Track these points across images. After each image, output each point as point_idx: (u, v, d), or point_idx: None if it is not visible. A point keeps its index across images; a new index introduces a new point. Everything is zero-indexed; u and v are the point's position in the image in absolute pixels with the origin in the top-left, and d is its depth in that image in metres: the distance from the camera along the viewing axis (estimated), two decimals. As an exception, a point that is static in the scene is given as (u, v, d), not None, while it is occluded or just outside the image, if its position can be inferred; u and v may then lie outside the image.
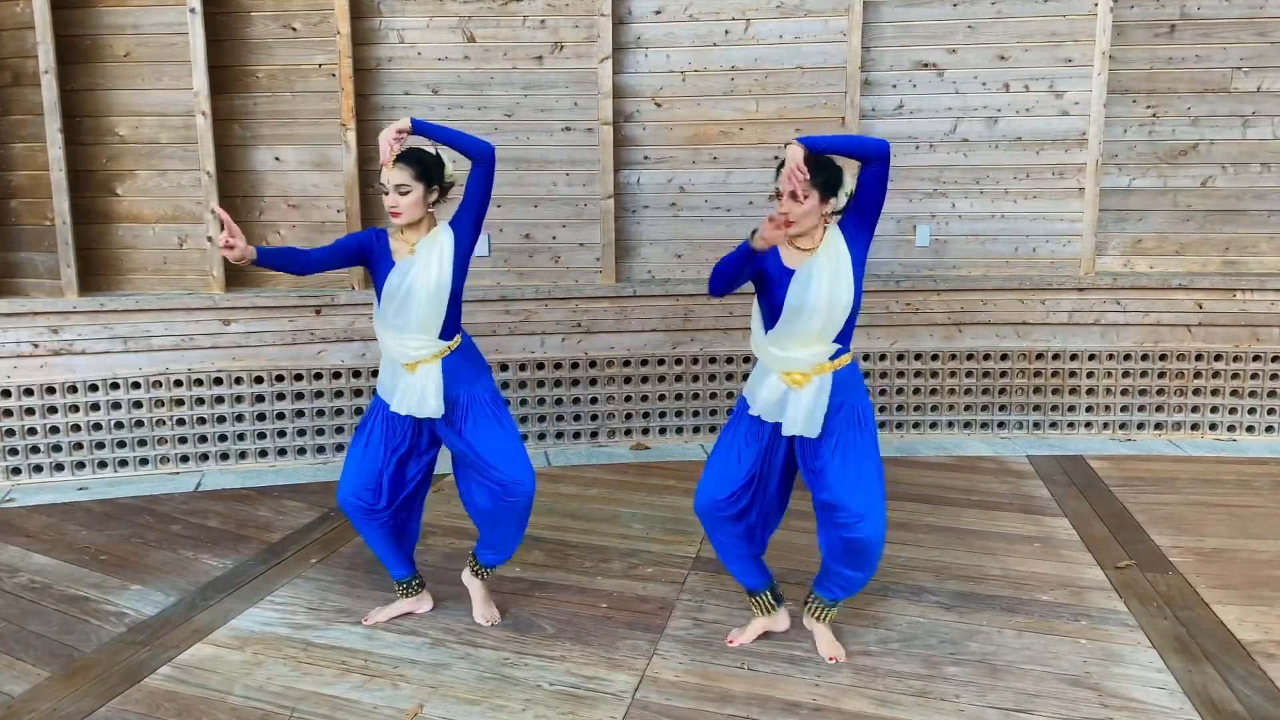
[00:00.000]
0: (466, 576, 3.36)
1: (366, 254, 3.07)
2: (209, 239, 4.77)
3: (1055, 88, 5.05)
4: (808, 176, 2.71)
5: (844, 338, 2.89)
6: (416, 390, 3.06)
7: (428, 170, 3.01)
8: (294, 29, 4.84)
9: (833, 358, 2.86)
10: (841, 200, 2.84)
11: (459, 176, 3.11)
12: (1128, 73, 5.03)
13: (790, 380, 2.86)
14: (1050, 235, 5.20)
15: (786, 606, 3.20)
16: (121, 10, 4.70)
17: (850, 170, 2.84)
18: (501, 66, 4.99)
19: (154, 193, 4.86)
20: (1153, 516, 4.11)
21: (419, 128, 2.98)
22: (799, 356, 2.84)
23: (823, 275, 2.78)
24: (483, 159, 3.03)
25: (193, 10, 4.58)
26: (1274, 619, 3.24)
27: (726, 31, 5.02)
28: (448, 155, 3.10)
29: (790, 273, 2.81)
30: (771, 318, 2.88)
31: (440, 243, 3.05)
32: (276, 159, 4.95)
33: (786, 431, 2.89)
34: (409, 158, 2.99)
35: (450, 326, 3.11)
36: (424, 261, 3.02)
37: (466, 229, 3.09)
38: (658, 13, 5.01)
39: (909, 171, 5.16)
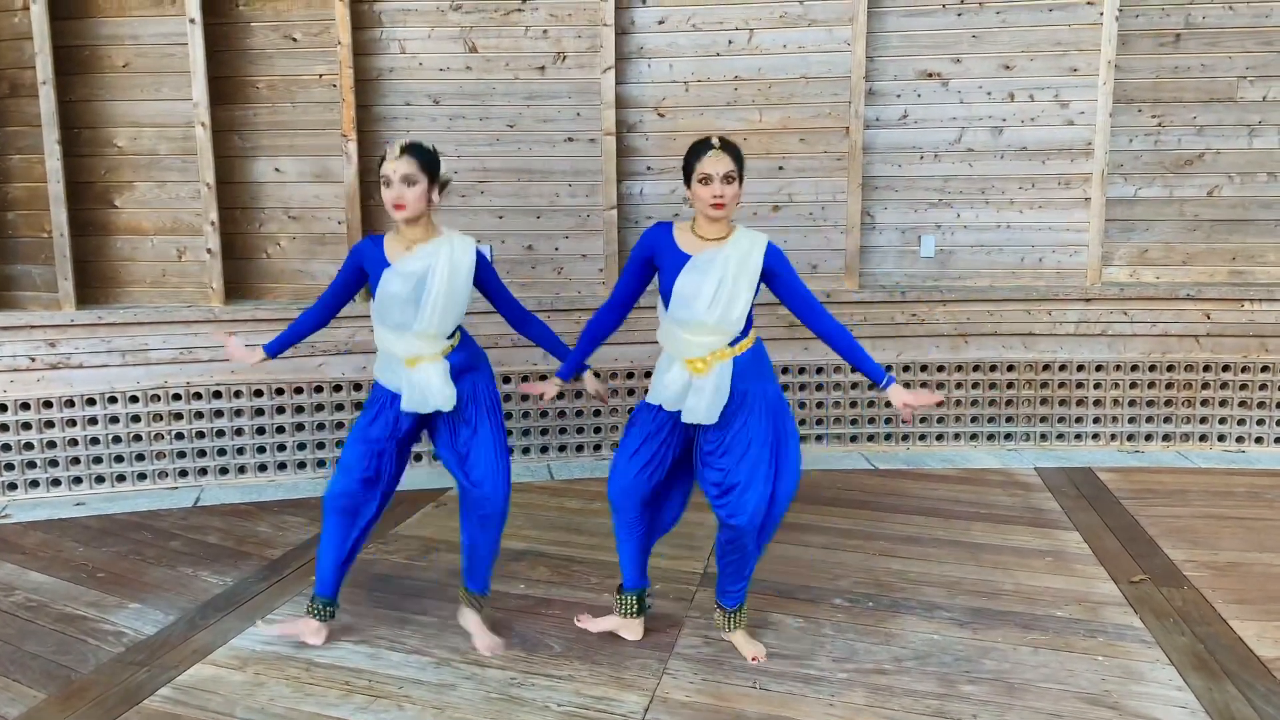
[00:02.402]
0: (462, 614, 3.27)
1: (363, 266, 3.04)
2: (207, 250, 4.72)
3: (1060, 97, 5.02)
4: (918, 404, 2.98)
5: (744, 329, 2.93)
6: (420, 387, 3.01)
7: (431, 163, 2.94)
8: (294, 39, 4.80)
9: (733, 343, 2.89)
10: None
11: (450, 176, 3.10)
12: (1133, 82, 5.00)
13: (693, 368, 2.88)
14: (1056, 245, 5.16)
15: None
16: (120, 21, 4.66)
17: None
18: (503, 77, 4.95)
19: (153, 204, 4.81)
20: (1164, 529, 4.06)
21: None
22: (702, 341, 2.88)
23: (722, 266, 2.82)
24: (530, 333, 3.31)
25: (192, 21, 4.54)
26: (1293, 635, 3.19)
27: (730, 41, 4.99)
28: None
29: (685, 258, 2.85)
30: (665, 304, 2.93)
31: (459, 254, 2.99)
32: (277, 170, 4.90)
33: (686, 419, 2.91)
34: (414, 149, 2.92)
35: (453, 325, 3.09)
36: (440, 265, 2.95)
37: (490, 285, 3.16)
38: (661, 23, 4.97)
39: (913, 182, 5.13)
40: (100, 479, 4.69)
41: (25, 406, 4.58)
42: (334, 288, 3.12)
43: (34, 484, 4.63)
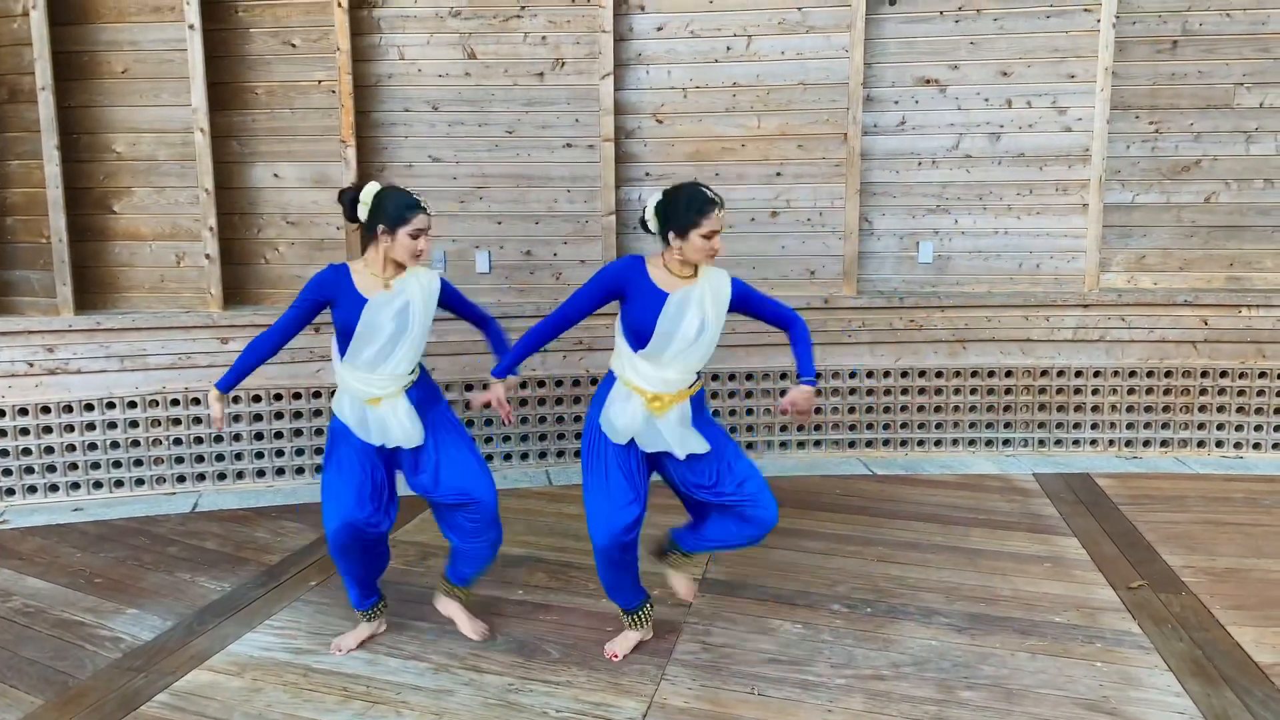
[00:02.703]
0: (442, 603, 3.31)
1: (332, 295, 3.03)
2: (206, 256, 4.73)
3: (1058, 103, 5.03)
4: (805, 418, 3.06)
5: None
6: (391, 422, 3.05)
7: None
8: (294, 45, 4.81)
9: (690, 385, 3.01)
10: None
11: None
12: (1130, 88, 5.02)
13: (652, 407, 2.95)
14: (1054, 251, 5.17)
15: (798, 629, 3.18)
16: (120, 27, 4.67)
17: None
18: (502, 83, 4.96)
19: (151, 210, 4.81)
20: (1162, 535, 4.07)
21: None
22: (671, 379, 2.95)
23: (699, 305, 2.94)
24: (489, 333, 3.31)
25: (192, 27, 4.55)
26: (1291, 640, 3.19)
27: (728, 48, 5.00)
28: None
29: (663, 295, 2.92)
30: (639, 340, 2.96)
31: (427, 287, 3.08)
32: (275, 176, 4.91)
33: (681, 454, 2.99)
34: (425, 207, 3.04)
35: (416, 362, 3.14)
36: (415, 300, 3.03)
37: (454, 302, 3.19)
38: (659, 29, 4.99)
39: (911, 188, 5.14)
40: (98, 484, 4.69)
41: (23, 412, 4.58)
42: (294, 317, 3.05)
43: (32, 489, 4.62)
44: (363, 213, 3.00)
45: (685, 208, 2.91)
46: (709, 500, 3.07)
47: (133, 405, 4.68)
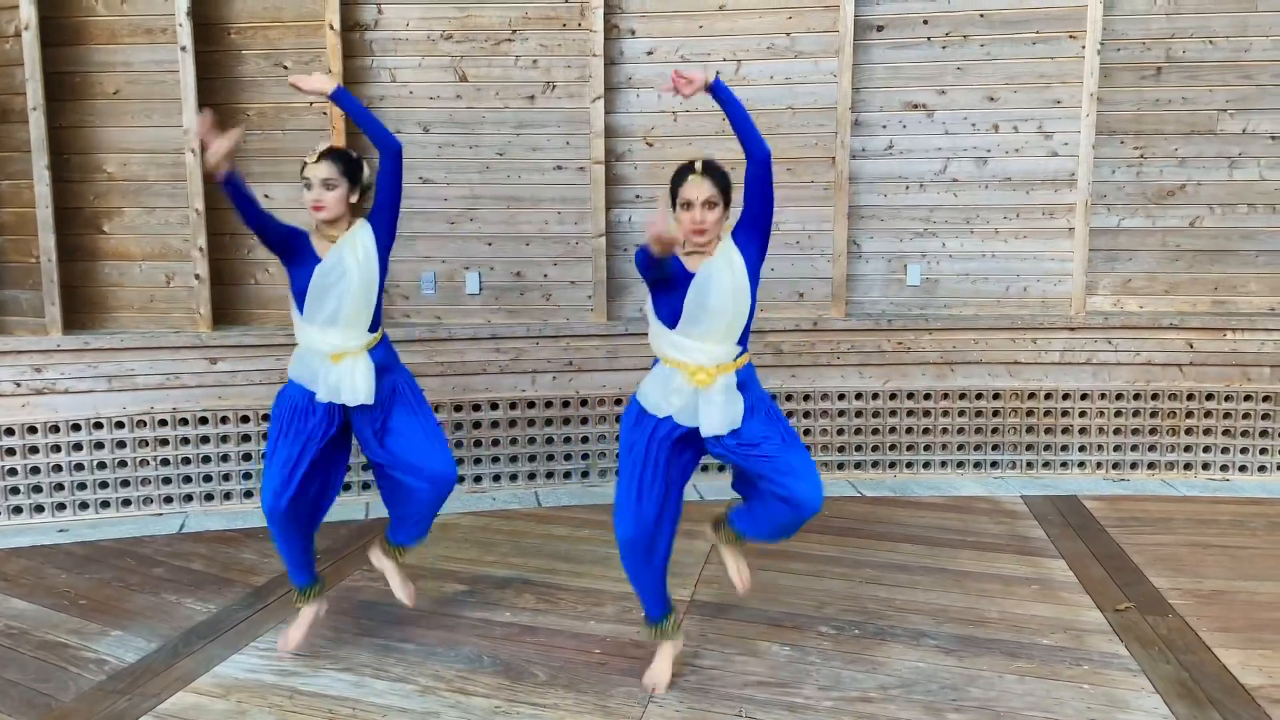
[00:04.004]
0: (378, 557, 3.39)
1: (290, 247, 3.09)
2: (196, 276, 4.73)
3: (1044, 128, 5.08)
4: (690, 88, 2.83)
5: (744, 339, 2.94)
6: (346, 378, 3.09)
7: (352, 168, 3.09)
8: (285, 67, 4.83)
9: (735, 358, 2.91)
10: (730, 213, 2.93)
11: (370, 182, 3.18)
12: (1115, 114, 5.07)
13: (696, 380, 2.86)
14: (1041, 275, 5.21)
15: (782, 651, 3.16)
16: (112, 48, 4.69)
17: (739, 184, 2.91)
18: (493, 105, 4.99)
19: (141, 230, 4.82)
20: (1150, 558, 4.08)
21: (340, 96, 3.10)
22: (710, 350, 2.87)
23: (719, 275, 2.84)
24: (390, 153, 3.10)
25: (184, 48, 4.57)
26: (1278, 663, 3.20)
27: (717, 72, 5.03)
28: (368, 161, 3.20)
29: (690, 276, 2.85)
30: (673, 318, 2.89)
31: (360, 238, 3.10)
32: (266, 196, 4.91)
33: (707, 433, 2.89)
34: (336, 155, 3.08)
35: (375, 320, 3.17)
36: (350, 256, 3.07)
37: (383, 225, 3.15)
38: (649, 53, 5.03)
39: (899, 211, 5.18)
40: (84, 505, 4.66)
41: (10, 432, 4.56)
42: (276, 222, 3.08)
43: (17, 510, 4.59)
44: None
45: (672, 179, 2.88)
46: (753, 466, 2.93)
47: (120, 426, 4.67)
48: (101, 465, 4.67)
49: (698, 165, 2.83)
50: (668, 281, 2.87)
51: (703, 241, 2.85)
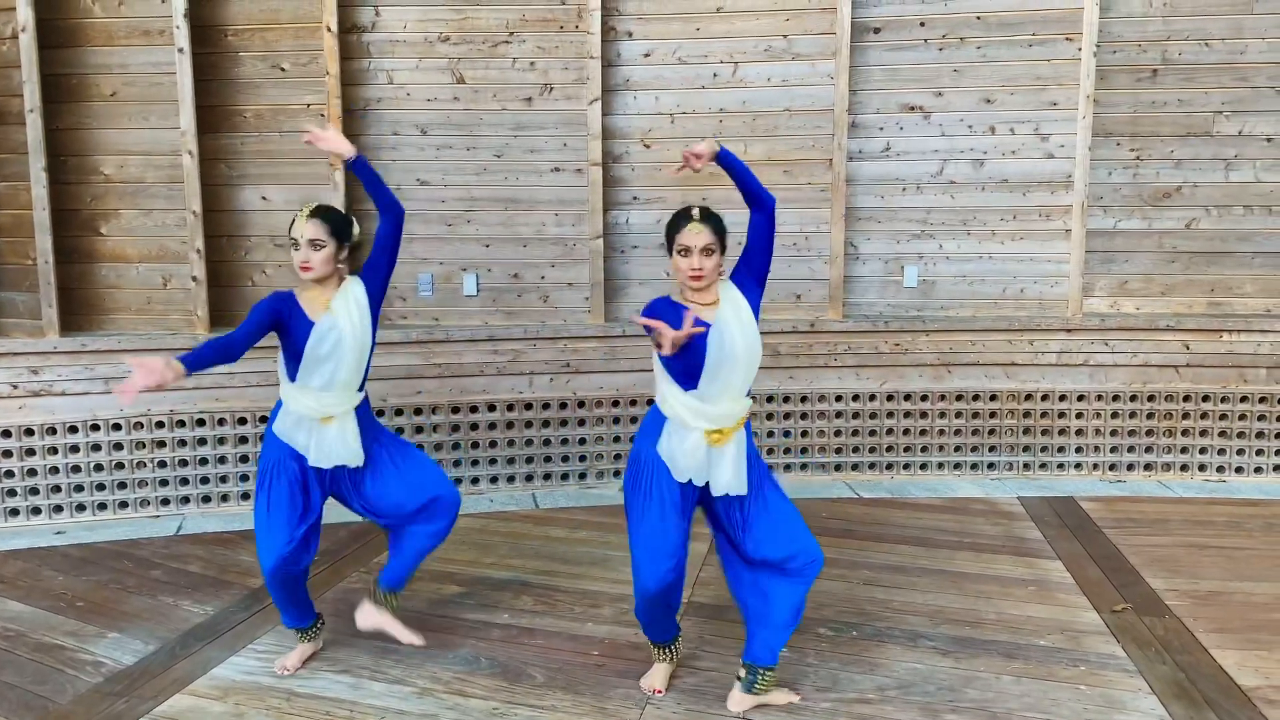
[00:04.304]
0: (370, 614, 3.30)
1: (281, 320, 3.03)
2: (193, 278, 4.73)
3: (1040, 130, 5.09)
4: (700, 162, 2.77)
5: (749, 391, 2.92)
6: (338, 442, 3.08)
7: (340, 228, 3.06)
8: (283, 69, 4.83)
9: (747, 410, 2.89)
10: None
11: (363, 238, 3.18)
12: (1112, 116, 5.08)
13: (711, 440, 2.81)
14: (1038, 276, 5.21)
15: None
16: (109, 50, 4.68)
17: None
18: (491, 107, 4.99)
19: (138, 232, 4.81)
20: (1146, 559, 4.08)
21: (359, 165, 3.07)
22: (728, 411, 2.81)
23: (731, 325, 2.79)
24: (393, 217, 3.11)
25: (181, 50, 4.57)
26: (1274, 664, 3.21)
27: (715, 74, 5.05)
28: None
29: (707, 328, 2.76)
30: (689, 376, 2.80)
31: (354, 295, 3.08)
32: (263, 198, 4.92)
33: (719, 492, 2.84)
34: (324, 214, 3.04)
35: (363, 379, 3.16)
36: (345, 318, 3.04)
37: (377, 282, 3.13)
38: (646, 55, 5.03)
39: (896, 213, 5.18)
40: (81, 507, 4.66)
41: (6, 434, 4.55)
42: (248, 330, 2.99)
43: (13, 512, 4.59)
44: None
45: (668, 226, 2.85)
46: (739, 540, 2.92)
47: (117, 428, 4.66)
48: (98, 467, 4.66)
49: (695, 212, 2.80)
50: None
51: (700, 287, 2.81)
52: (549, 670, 3.21)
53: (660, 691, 3.05)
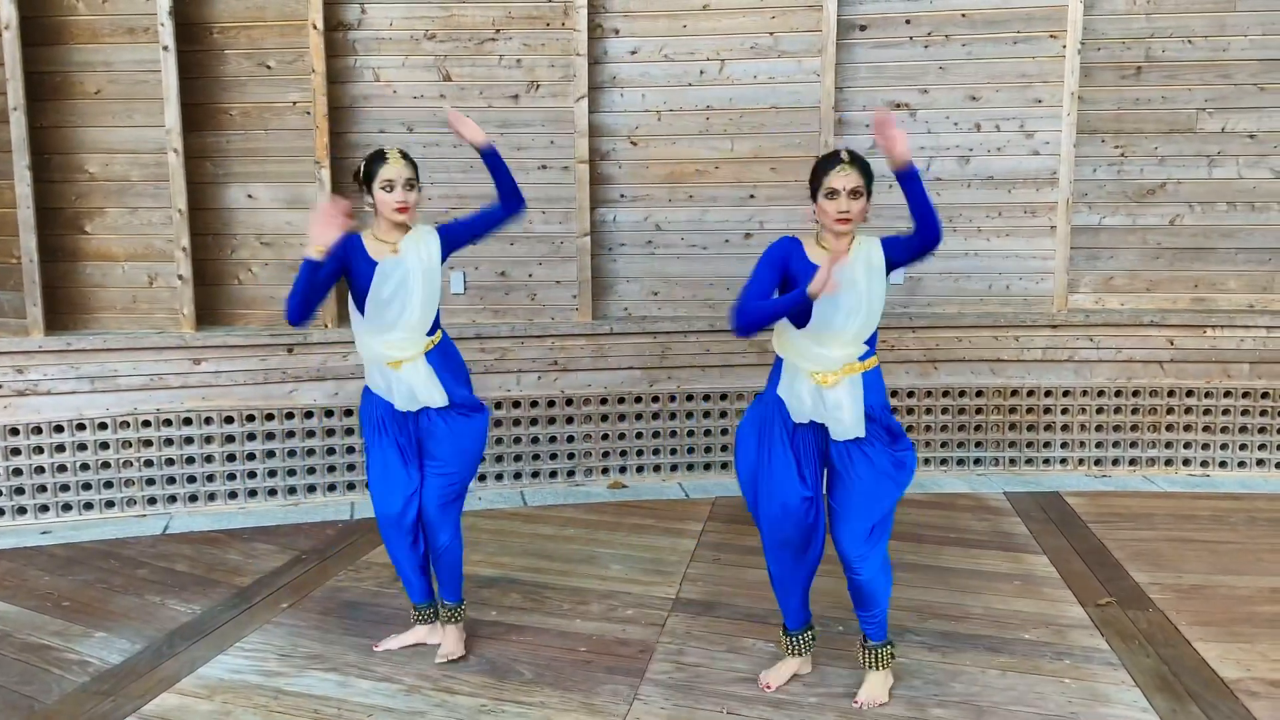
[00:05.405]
0: (453, 637, 3.30)
1: (346, 259, 3.05)
2: (179, 277, 4.72)
3: (1026, 128, 5.12)
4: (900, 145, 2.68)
5: (872, 340, 2.88)
6: (406, 387, 3.12)
7: (416, 169, 3.13)
8: (268, 67, 4.82)
9: (861, 358, 2.85)
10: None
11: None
12: (1096, 113, 5.11)
13: (820, 380, 2.82)
14: (1023, 273, 5.24)
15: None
16: (94, 48, 4.66)
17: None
18: (477, 105, 4.99)
19: (124, 230, 4.79)
20: (1130, 553, 4.11)
21: (491, 156, 3.18)
22: (835, 355, 2.82)
23: (859, 271, 2.79)
24: (512, 208, 3.22)
25: (166, 48, 4.55)
26: (1255, 656, 3.24)
27: (701, 71, 5.05)
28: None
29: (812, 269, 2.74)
30: (802, 317, 2.81)
31: (428, 242, 3.13)
32: (249, 196, 4.91)
33: (838, 437, 2.85)
34: (408, 156, 3.10)
35: (435, 324, 3.19)
36: (415, 259, 3.09)
37: (451, 241, 3.19)
38: (633, 53, 5.04)
39: (881, 210, 5.15)
40: (67, 507, 4.64)
41: (-9, 433, 4.54)
42: (328, 269, 2.97)
43: (-1, 512, 4.57)
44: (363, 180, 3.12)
45: (815, 168, 2.84)
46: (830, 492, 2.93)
47: (103, 427, 4.65)
48: (84, 467, 4.65)
49: (844, 154, 2.81)
50: (796, 280, 2.81)
51: (844, 231, 2.81)
52: (537, 667, 3.21)
53: (770, 687, 3.04)
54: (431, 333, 3.17)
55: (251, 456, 4.81)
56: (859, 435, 2.85)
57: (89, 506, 4.66)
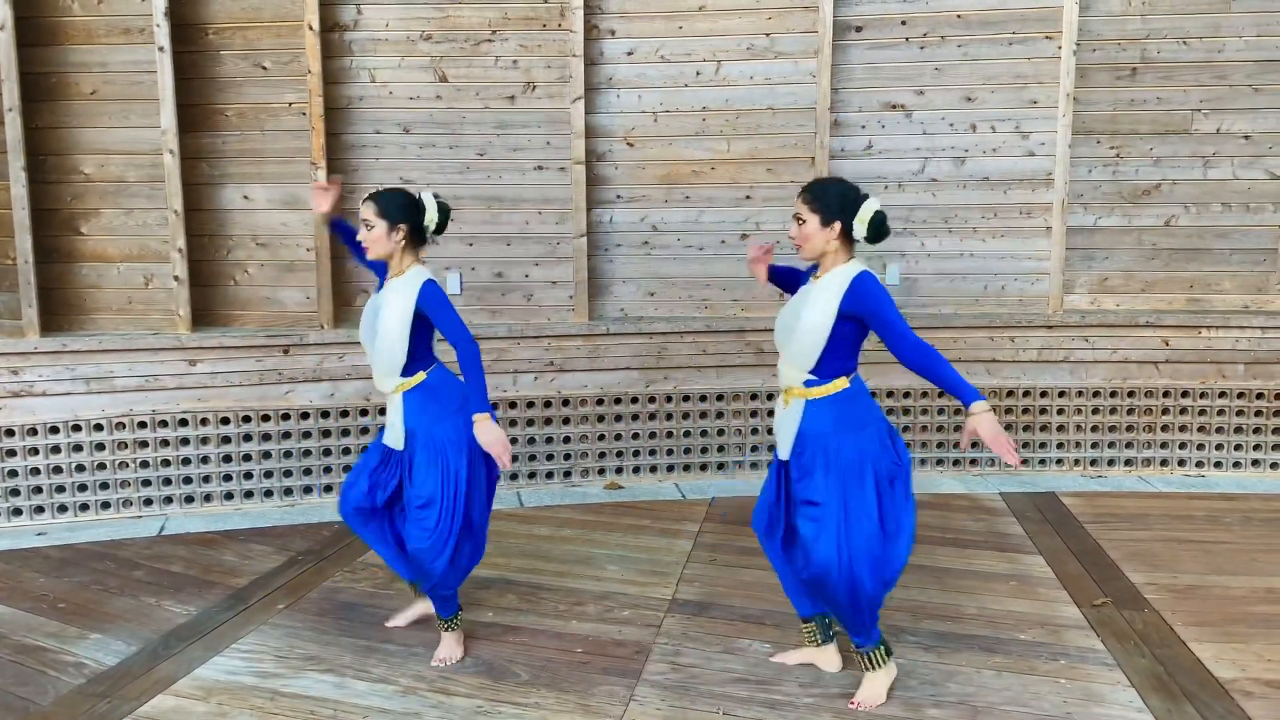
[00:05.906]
0: (451, 643, 3.31)
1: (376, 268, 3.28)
2: (175, 278, 4.71)
3: (1021, 129, 5.12)
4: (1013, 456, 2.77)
5: (820, 371, 2.89)
6: (390, 420, 3.21)
7: (386, 209, 3.11)
8: (264, 68, 4.81)
9: (807, 385, 2.91)
10: (858, 230, 2.90)
11: (430, 223, 3.20)
12: (1091, 114, 5.12)
13: (784, 397, 2.99)
14: (1019, 273, 5.25)
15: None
16: (89, 49, 4.66)
17: (863, 210, 2.93)
18: (474, 106, 4.99)
19: (119, 231, 4.79)
20: (1126, 553, 4.12)
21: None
22: (785, 373, 2.98)
23: (811, 295, 2.91)
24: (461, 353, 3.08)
25: (162, 49, 4.55)
26: (1250, 656, 3.24)
27: (697, 73, 5.06)
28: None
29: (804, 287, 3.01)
30: None
31: (407, 294, 3.09)
32: (245, 197, 4.90)
33: (783, 451, 3.00)
34: (375, 196, 3.13)
35: (414, 364, 3.16)
36: (391, 304, 3.11)
37: (429, 315, 3.07)
38: (629, 54, 5.04)
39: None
40: (63, 508, 4.63)
41: (-13, 435, 4.53)
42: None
43: (-6, 513, 4.56)
44: None
45: None
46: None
47: (99, 428, 4.64)
48: (80, 468, 4.64)
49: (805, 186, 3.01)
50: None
51: (801, 254, 2.95)
52: (533, 668, 3.21)
53: (784, 662, 3.22)
54: (410, 373, 3.14)
55: (247, 457, 4.81)
56: (782, 456, 3.00)
57: (85, 508, 4.66)
